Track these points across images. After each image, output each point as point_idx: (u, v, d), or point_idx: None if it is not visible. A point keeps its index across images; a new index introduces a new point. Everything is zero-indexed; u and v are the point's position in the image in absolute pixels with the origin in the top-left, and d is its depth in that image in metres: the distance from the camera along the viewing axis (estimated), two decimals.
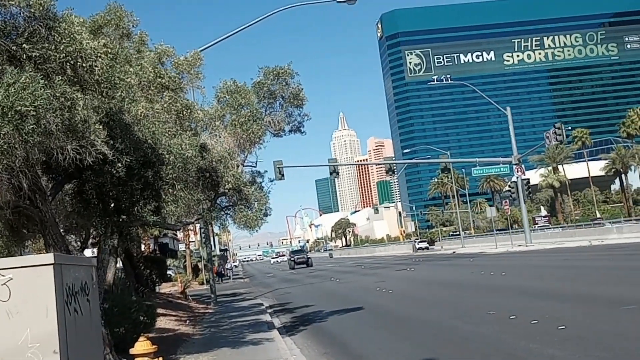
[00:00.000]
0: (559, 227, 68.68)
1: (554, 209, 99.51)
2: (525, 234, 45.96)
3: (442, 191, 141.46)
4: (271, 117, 15.50)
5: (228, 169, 14.21)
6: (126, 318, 12.48)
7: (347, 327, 15.73)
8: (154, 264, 27.44)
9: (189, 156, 11.96)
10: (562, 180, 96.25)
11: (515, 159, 45.77)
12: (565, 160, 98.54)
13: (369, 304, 19.85)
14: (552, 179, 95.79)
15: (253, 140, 14.64)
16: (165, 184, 11.50)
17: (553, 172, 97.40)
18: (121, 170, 10.91)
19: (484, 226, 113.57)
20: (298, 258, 73.06)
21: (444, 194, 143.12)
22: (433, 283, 25.25)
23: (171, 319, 19.82)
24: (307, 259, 72.53)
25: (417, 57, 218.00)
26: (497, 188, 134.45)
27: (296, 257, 74.21)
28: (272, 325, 17.19)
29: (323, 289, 30.95)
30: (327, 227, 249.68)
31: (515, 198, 46.46)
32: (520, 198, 45.39)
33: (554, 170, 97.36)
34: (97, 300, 6.64)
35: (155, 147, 11.52)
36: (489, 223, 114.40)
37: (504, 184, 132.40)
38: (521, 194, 45.13)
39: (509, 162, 47.23)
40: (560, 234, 48.79)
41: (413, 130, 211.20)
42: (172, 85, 13.05)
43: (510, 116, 48.03)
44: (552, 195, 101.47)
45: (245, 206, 14.59)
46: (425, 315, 15.57)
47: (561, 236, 47.46)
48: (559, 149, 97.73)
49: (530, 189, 47.50)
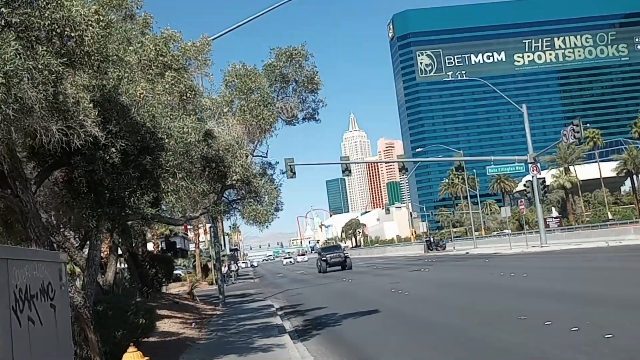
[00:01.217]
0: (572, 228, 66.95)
1: (564, 210, 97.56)
2: (540, 234, 44.38)
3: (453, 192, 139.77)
4: (283, 102, 14.11)
5: (236, 159, 12.86)
6: (122, 322, 11.17)
7: (363, 332, 14.37)
8: (160, 263, 26.15)
9: (191, 142, 10.63)
10: (573, 181, 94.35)
11: (531, 157, 44.21)
12: (576, 161, 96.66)
13: (385, 307, 18.47)
14: (564, 179, 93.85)
15: (264, 127, 13.29)
16: (165, 172, 10.17)
17: (564, 173, 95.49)
18: (115, 156, 9.60)
19: (495, 227, 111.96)
20: (332, 257, 51.79)
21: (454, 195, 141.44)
22: (451, 285, 23.82)
23: (176, 322, 18.53)
24: (344, 258, 52.09)
25: (428, 57, 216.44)
26: (507, 189, 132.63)
27: (329, 255, 52.39)
28: (282, 329, 15.85)
29: (335, 290, 29.58)
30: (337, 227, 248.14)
31: (531, 197, 44.90)
32: (536, 197, 43.83)
33: (566, 170, 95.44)
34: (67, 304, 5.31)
35: (154, 131, 10.21)
36: (500, 224, 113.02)
37: (514, 185, 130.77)
38: (536, 193, 43.57)
39: (524, 161, 45.67)
40: (575, 235, 47.15)
41: (423, 131, 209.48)
42: (175, 64, 11.73)
43: (526, 114, 46.49)
44: (563, 196, 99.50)
45: (254, 199, 13.24)
46: (450, 320, 14.16)
47: (576, 237, 45.82)
48: (571, 149, 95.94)
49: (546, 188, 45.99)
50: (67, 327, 5.34)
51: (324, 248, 61.90)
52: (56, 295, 4.76)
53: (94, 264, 9.95)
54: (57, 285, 4.87)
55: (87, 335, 9.14)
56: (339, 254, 52.90)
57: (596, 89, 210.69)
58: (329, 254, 52.57)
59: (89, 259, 10.04)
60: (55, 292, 4.73)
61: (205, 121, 12.59)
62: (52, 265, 4.90)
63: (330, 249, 58.15)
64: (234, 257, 77.65)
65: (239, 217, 14.57)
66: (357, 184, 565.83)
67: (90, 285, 9.92)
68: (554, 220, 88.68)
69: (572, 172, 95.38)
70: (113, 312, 11.15)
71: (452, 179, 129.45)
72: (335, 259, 51.69)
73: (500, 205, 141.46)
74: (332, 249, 56.68)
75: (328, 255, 52.18)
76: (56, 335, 4.70)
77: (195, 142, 10.71)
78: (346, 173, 46.44)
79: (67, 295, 5.30)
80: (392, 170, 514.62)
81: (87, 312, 9.09)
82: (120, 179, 9.91)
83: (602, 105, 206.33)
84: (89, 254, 10.09)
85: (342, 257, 51.91)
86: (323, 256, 52.83)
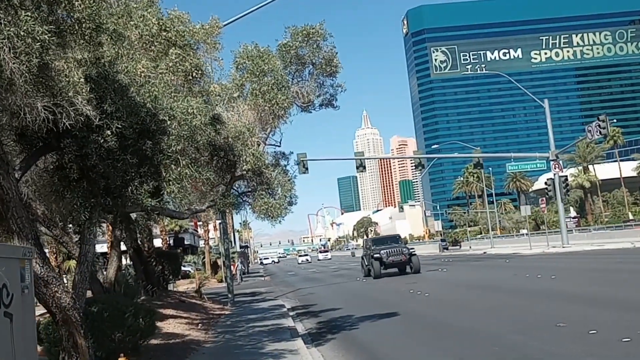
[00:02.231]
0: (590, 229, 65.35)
1: (583, 210, 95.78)
2: (562, 234, 43.03)
3: (467, 191, 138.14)
4: (299, 87, 13.00)
5: (247, 147, 11.82)
6: (119, 324, 10.15)
7: (383, 338, 13.27)
8: (166, 259, 25.16)
9: (197, 125, 9.57)
10: (592, 181, 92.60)
11: (553, 154, 42.89)
12: (596, 159, 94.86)
13: (404, 309, 17.38)
14: (583, 179, 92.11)
15: (277, 113, 12.21)
16: (167, 158, 9.12)
17: (583, 172, 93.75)
18: (110, 140, 8.57)
19: (510, 227, 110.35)
20: (391, 254, 34.54)
21: (468, 194, 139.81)
22: (474, 286, 22.64)
23: (181, 322, 17.51)
24: (408, 256, 34.80)
25: (443, 54, 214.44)
26: (523, 188, 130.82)
27: (385, 251, 34.80)
28: (295, 332, 14.80)
29: (349, 289, 28.51)
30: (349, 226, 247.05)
31: (552, 196, 43.56)
32: (558, 196, 42.49)
33: (585, 170, 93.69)
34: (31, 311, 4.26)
35: (155, 113, 9.16)
36: (516, 223, 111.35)
37: (530, 184, 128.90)
38: (558, 191, 42.23)
39: (545, 158, 44.35)
40: (597, 235, 45.76)
41: (437, 129, 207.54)
42: (181, 41, 10.70)
43: (548, 109, 45.14)
44: (581, 196, 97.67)
45: (266, 192, 12.18)
46: (478, 327, 13.02)
47: (598, 237, 44.43)
48: (590, 147, 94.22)
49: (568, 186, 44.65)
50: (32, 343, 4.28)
51: (375, 240, 41.80)
52: (14, 300, 3.73)
53: (86, 261, 8.93)
54: (17, 287, 3.85)
55: (77, 341, 8.12)
56: (401, 248, 35.51)
57: (615, 87, 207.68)
58: (386, 249, 34.87)
59: (80, 254, 9.02)
60: (12, 296, 3.70)
61: (212, 104, 11.53)
62: (10, 263, 3.84)
63: (384, 240, 39.05)
64: (244, 254, 76.68)
65: (249, 211, 13.51)
66: (369, 182, 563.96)
67: (82, 284, 8.90)
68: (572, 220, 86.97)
69: (591, 171, 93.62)
70: (109, 313, 10.14)
71: (467, 177, 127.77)
72: (395, 256, 34.32)
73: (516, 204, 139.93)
74: (388, 241, 37.65)
75: (384, 251, 34.52)
76: (12, 349, 3.66)
77: (202, 125, 9.66)
78: (360, 169, 45.33)
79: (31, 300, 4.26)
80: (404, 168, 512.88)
81: (76, 315, 8.07)
82: (116, 165, 8.89)
83: (622, 103, 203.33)
84: (80, 249, 9.08)
85: (407, 255, 34.65)
86: (375, 252, 34.92)
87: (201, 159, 10.37)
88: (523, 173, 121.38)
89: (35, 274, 7.89)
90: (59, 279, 8.06)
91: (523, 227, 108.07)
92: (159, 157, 9.08)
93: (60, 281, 8.05)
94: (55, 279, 8.00)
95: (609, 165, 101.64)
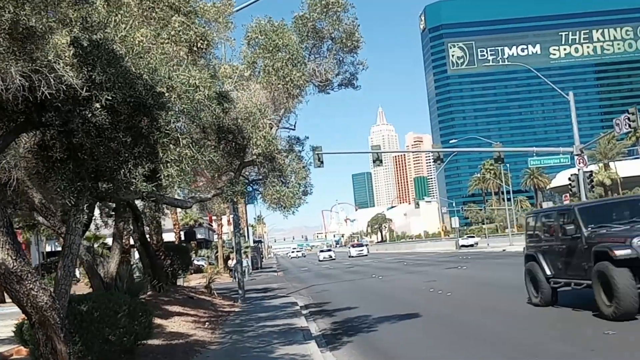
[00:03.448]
0: None
1: None
2: None
3: (483, 187, 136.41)
4: (316, 64, 11.78)
5: (258, 129, 10.62)
6: (111, 325, 9.03)
7: (406, 343, 12.10)
8: (175, 253, 24.06)
9: (200, 100, 8.39)
10: (613, 178, 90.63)
11: (577, 149, 41.14)
12: (617, 156, 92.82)
13: (426, 311, 16.15)
14: (603, 176, 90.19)
15: (292, 92, 11.01)
16: (165, 136, 7.94)
17: (604, 169, 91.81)
18: (100, 114, 7.40)
19: None
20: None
21: (484, 191, 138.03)
22: (499, 286, 21.29)
23: (188, 320, 16.40)
24: None
25: (460, 49, 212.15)
26: (540, 185, 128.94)
27: None
28: (308, 334, 13.63)
29: (365, 287, 27.29)
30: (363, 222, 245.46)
31: (576, 192, 41.87)
32: (582, 192, 40.79)
33: (605, 167, 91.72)
34: None
35: (153, 85, 7.99)
36: None
37: (548, 181, 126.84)
38: (582, 187, 40.58)
39: (569, 152, 42.66)
40: None
41: (454, 125, 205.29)
42: (185, 6, 9.53)
43: (573, 102, 43.45)
44: (601, 193, 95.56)
45: (278, 179, 11.00)
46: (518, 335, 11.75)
47: None
48: (611, 144, 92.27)
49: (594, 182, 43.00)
50: None
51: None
52: None
53: (71, 253, 7.79)
54: None
55: (55, 346, 7.00)
56: None
57: (636, 82, 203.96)
58: None
59: (65, 246, 7.89)
60: None
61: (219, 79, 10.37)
62: None
63: None
64: (257, 249, 75.67)
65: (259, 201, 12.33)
66: (383, 179, 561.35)
67: (66, 280, 7.77)
68: None
69: (611, 168, 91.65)
70: (100, 312, 9.02)
71: (484, 174, 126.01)
72: None
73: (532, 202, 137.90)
74: None
75: None
76: None
77: (206, 100, 8.48)
78: (377, 163, 43.92)
79: None
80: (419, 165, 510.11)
81: (55, 316, 6.94)
82: (106, 144, 7.75)
83: None
84: (65, 239, 7.95)
85: None
86: None
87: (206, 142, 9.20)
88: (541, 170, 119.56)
89: (6, 268, 6.78)
90: (35, 275, 6.92)
91: None
92: (155, 136, 7.91)
93: (36, 277, 6.92)
94: (31, 274, 6.87)
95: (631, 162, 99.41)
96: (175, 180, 7.98)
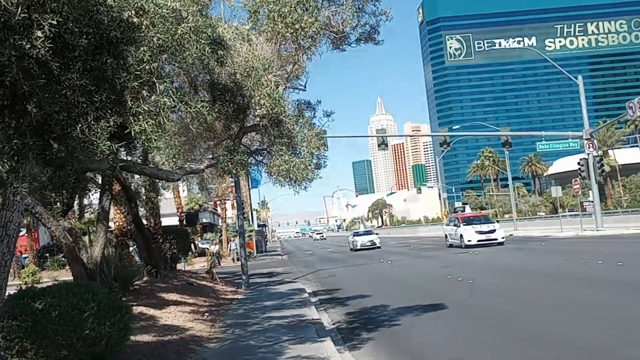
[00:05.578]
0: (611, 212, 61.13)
1: (602, 194, 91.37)
2: (595, 217, 39.00)
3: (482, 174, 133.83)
4: (331, 11, 9.40)
5: (261, 86, 8.26)
6: (75, 327, 6.70)
7: (438, 341, 9.78)
8: (173, 237, 21.76)
9: (183, 34, 6.02)
10: (612, 165, 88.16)
11: (587, 133, 38.92)
12: (616, 144, 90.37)
13: (451, 300, 13.77)
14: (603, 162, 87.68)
15: (302, 43, 8.66)
16: (136, 79, 5.57)
17: (603, 156, 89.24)
18: (42, 45, 5.01)
19: (526, 210, 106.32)
20: None
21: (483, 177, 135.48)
22: (521, 272, 18.92)
23: (185, 310, 14.10)
24: None
25: (458, 42, 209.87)
26: (538, 172, 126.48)
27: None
28: (322, 328, 11.32)
29: (374, 272, 24.99)
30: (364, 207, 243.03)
31: (585, 177, 39.58)
32: (592, 176, 38.57)
33: (605, 154, 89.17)
34: None
35: (120, 11, 5.63)
36: (532, 207, 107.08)
37: (545, 169, 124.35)
38: (592, 172, 38.32)
39: (579, 137, 40.38)
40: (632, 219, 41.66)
41: (451, 115, 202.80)
42: None
43: (582, 85, 41.18)
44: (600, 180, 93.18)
45: (287, 147, 8.63)
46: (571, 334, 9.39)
47: (634, 221, 40.36)
48: (610, 132, 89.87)
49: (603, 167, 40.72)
50: None
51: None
52: None
53: (7, 235, 5.46)
54: None
55: None
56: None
57: (630, 74, 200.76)
58: None
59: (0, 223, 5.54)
60: None
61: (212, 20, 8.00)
62: None
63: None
64: (261, 233, 73.50)
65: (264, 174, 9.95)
66: (382, 166, 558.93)
67: (1, 269, 5.45)
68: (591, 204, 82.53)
69: (610, 155, 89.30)
70: (60, 312, 6.69)
71: (483, 161, 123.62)
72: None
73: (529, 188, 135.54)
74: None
75: None
76: None
77: (190, 34, 6.11)
78: (382, 147, 41.74)
79: None
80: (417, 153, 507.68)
81: None
82: (54, 88, 5.39)
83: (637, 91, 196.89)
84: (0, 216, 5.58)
85: None
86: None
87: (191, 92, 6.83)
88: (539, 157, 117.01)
89: None
90: None
91: (539, 210, 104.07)
92: (122, 79, 5.55)
93: None
94: None
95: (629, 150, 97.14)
96: (150, 137, 5.61)
